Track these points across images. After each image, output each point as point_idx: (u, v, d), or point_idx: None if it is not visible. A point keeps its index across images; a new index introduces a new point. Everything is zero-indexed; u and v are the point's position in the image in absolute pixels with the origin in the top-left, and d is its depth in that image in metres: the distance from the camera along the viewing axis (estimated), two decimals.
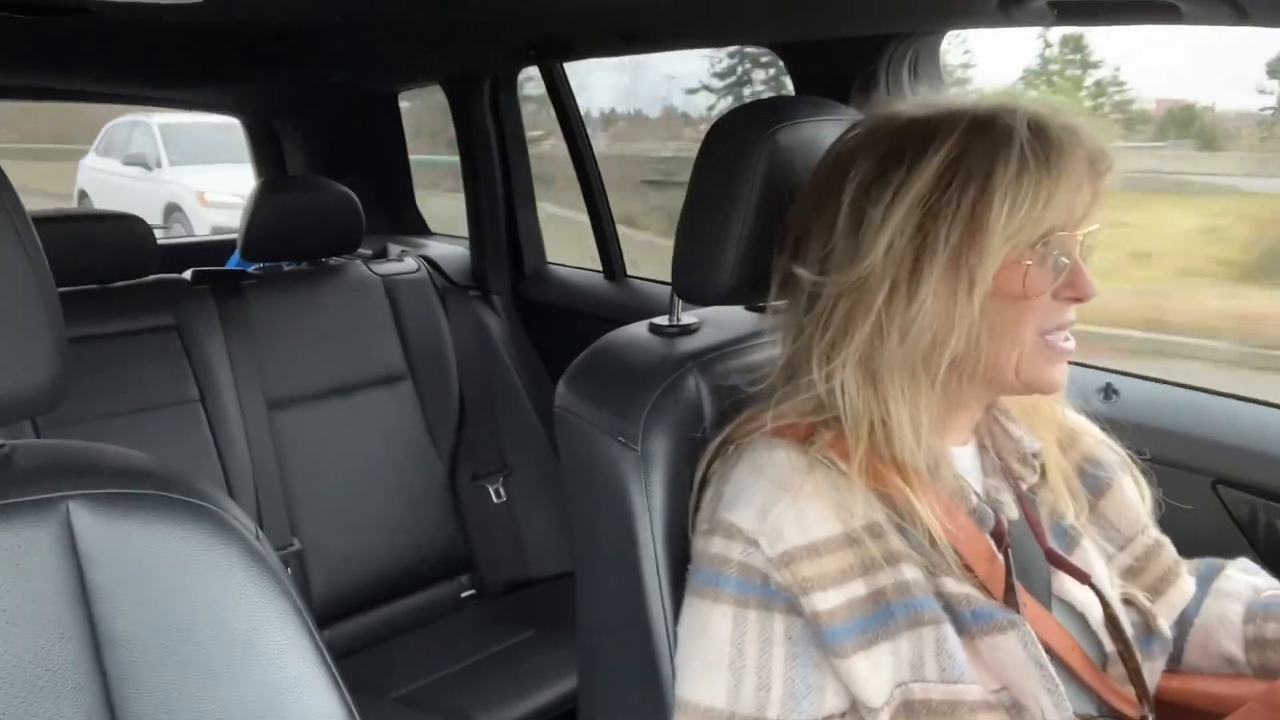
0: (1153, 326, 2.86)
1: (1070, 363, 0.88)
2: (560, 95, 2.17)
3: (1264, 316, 2.78)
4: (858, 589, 0.79)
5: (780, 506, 0.80)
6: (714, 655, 0.81)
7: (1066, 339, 0.85)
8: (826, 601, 0.78)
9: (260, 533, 0.72)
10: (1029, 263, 0.80)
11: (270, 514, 1.91)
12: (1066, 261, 0.81)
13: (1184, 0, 0.97)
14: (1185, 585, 0.97)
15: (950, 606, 0.81)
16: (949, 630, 0.80)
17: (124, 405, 1.80)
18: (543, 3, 1.66)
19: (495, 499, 2.18)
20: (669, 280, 1.03)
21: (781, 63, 1.65)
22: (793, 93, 1.65)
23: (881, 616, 0.79)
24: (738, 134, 0.97)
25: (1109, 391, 1.30)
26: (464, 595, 2.14)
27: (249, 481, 1.90)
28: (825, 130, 0.97)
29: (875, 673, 0.78)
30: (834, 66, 1.56)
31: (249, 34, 2.03)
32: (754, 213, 0.94)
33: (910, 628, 0.79)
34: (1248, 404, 1.28)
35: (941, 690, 0.79)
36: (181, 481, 0.69)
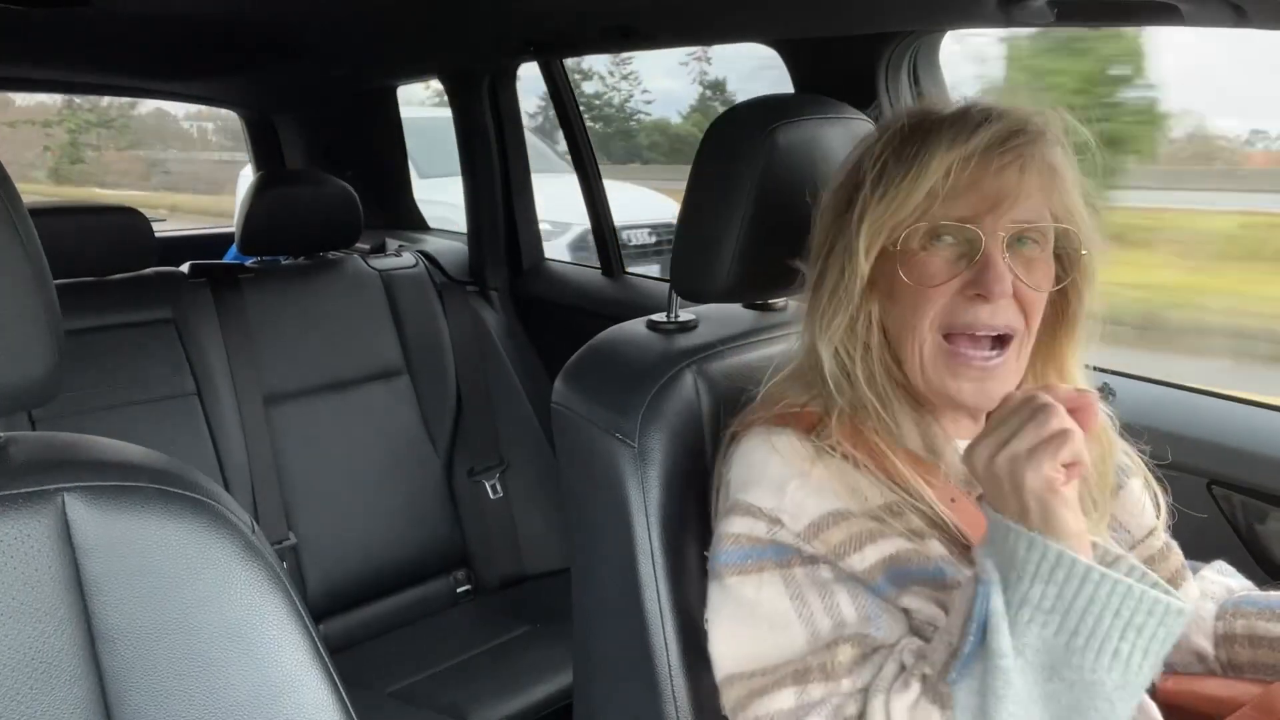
0: None
1: None
2: (560, 91, 2.17)
3: None
4: (888, 547, 0.79)
5: (795, 483, 0.81)
6: (779, 618, 0.79)
7: (976, 349, 0.82)
8: (864, 560, 0.78)
9: (256, 527, 0.71)
10: (914, 246, 0.81)
11: (266, 508, 1.91)
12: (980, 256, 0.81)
13: (1184, 1, 0.97)
14: (1190, 589, 0.98)
15: None
16: None
17: (120, 398, 1.80)
18: None
19: (491, 495, 2.18)
20: (667, 277, 1.03)
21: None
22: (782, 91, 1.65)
23: (917, 574, 0.79)
24: (737, 132, 0.97)
25: (1106, 392, 1.30)
26: (459, 591, 2.14)
27: (245, 475, 1.90)
28: (824, 128, 0.97)
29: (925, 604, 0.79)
30: (834, 65, 1.56)
31: (248, 27, 2.02)
32: (753, 210, 0.94)
33: (949, 589, 0.79)
34: (1243, 405, 1.29)
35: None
36: (178, 475, 0.69)
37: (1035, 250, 0.82)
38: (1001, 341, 0.82)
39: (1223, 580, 1.00)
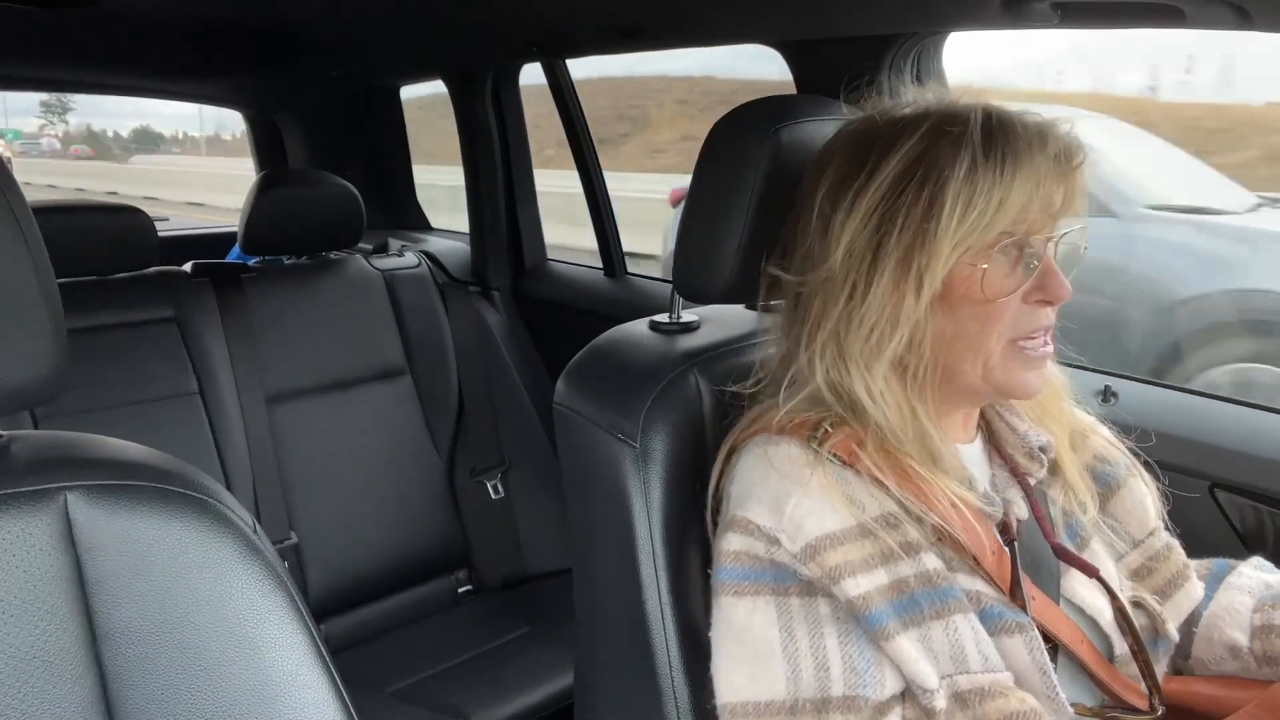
0: None
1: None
2: (562, 91, 2.17)
3: None
4: (880, 578, 0.78)
5: (794, 499, 0.80)
6: (764, 647, 0.79)
7: (1044, 344, 0.84)
8: (858, 587, 0.77)
9: (258, 526, 0.71)
10: (984, 266, 0.80)
11: (268, 507, 1.91)
12: (1037, 263, 0.81)
13: (1187, 3, 0.97)
14: (1194, 589, 0.97)
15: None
16: (977, 620, 0.79)
17: (123, 397, 1.80)
18: None
19: (493, 495, 2.18)
20: (670, 278, 1.03)
21: None
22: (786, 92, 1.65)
23: (909, 604, 0.78)
24: (740, 133, 0.97)
25: (1107, 394, 1.30)
26: (461, 591, 2.14)
27: (247, 474, 1.90)
28: (827, 130, 0.97)
29: (921, 654, 0.77)
30: (836, 66, 1.56)
31: (251, 27, 2.02)
32: (755, 212, 0.94)
33: (938, 617, 0.78)
34: (1246, 408, 1.28)
35: (989, 679, 0.78)
36: (180, 474, 0.69)
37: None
38: (1047, 329, 0.85)
39: (1259, 575, 0.99)
